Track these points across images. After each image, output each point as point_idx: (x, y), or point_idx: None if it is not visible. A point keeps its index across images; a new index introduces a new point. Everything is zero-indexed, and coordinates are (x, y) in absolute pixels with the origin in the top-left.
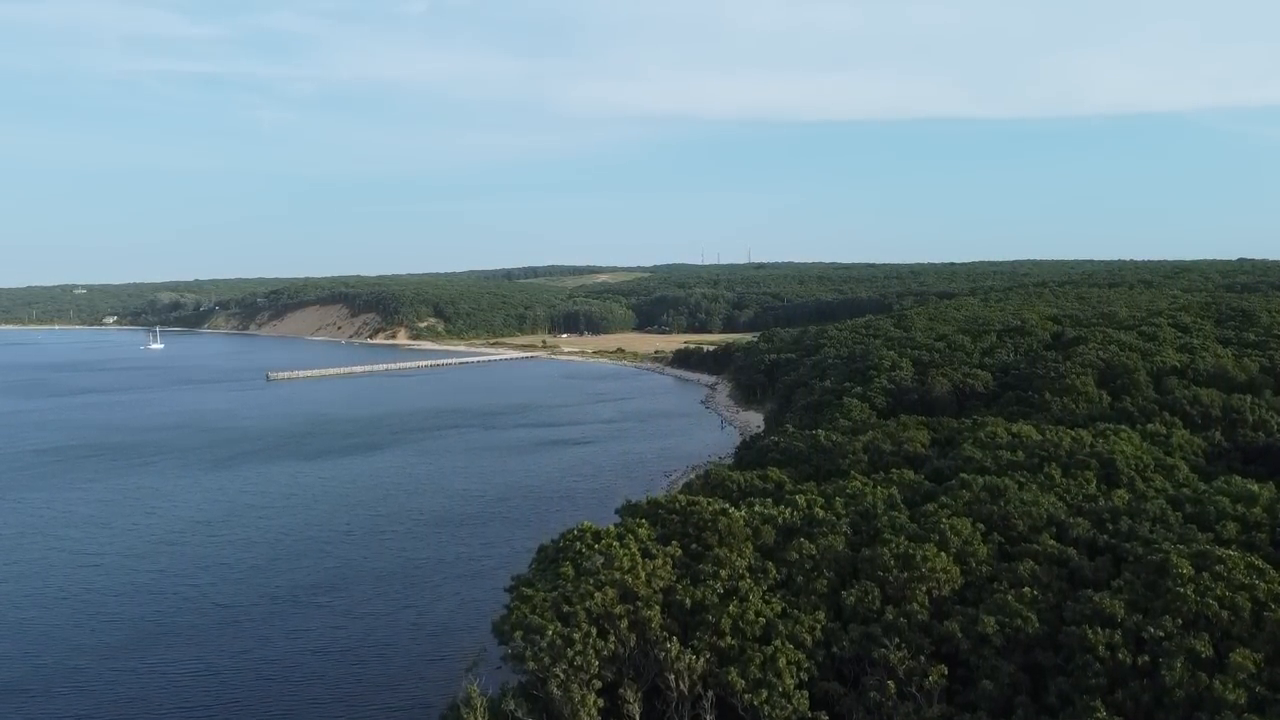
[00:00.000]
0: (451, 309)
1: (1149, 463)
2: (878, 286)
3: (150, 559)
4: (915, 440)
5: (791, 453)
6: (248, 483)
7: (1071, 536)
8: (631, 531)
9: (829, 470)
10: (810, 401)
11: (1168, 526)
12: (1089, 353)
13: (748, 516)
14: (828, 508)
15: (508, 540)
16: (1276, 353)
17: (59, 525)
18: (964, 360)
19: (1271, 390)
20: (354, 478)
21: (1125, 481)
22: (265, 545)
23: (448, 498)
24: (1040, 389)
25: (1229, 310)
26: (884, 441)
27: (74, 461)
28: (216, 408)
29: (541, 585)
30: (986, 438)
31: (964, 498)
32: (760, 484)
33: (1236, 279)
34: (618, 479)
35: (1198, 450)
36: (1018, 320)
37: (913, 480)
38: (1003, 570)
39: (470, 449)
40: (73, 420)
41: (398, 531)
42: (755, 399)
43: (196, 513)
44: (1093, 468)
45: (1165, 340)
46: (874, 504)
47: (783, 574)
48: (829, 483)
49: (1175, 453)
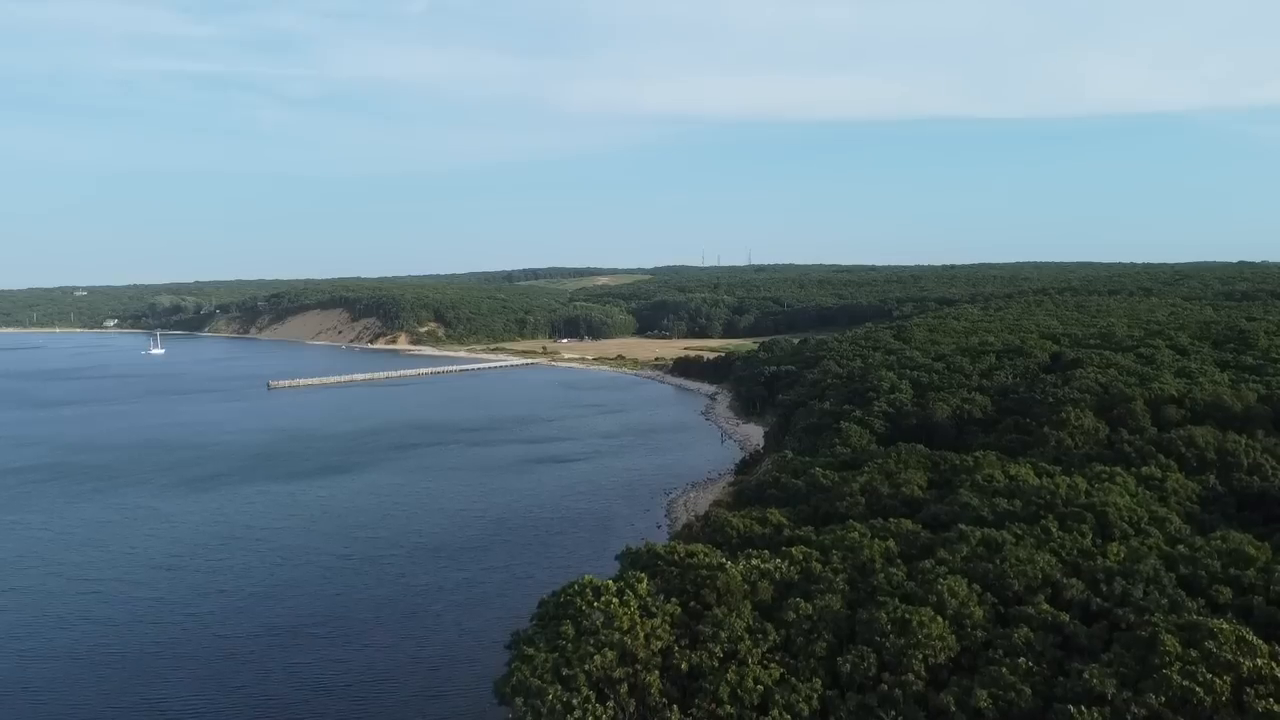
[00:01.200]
0: (452, 314)
1: (1143, 515)
2: (878, 291)
3: (149, 585)
4: (913, 482)
5: (790, 490)
6: (246, 502)
7: (1066, 599)
8: (631, 587)
9: (827, 513)
10: (810, 424)
11: (1161, 589)
12: (1087, 377)
13: (745, 572)
14: (825, 561)
15: (507, 565)
16: (1273, 378)
17: (58, 548)
18: (963, 383)
19: (1269, 420)
20: (353, 497)
21: (1119, 535)
22: (264, 571)
23: (447, 519)
24: (1038, 416)
25: (1227, 331)
26: (881, 483)
27: (73, 478)
28: (217, 420)
29: (542, 643)
30: (984, 481)
31: (961, 552)
32: (759, 529)
33: (1236, 286)
34: (618, 499)
35: (1192, 495)
36: (1017, 340)
37: (910, 530)
38: (998, 636)
39: (470, 466)
40: (73, 434)
41: (396, 556)
42: (755, 411)
43: (195, 534)
44: (1088, 521)
45: (1163, 364)
46: (872, 556)
47: (781, 635)
48: (827, 530)
49: (1170, 498)
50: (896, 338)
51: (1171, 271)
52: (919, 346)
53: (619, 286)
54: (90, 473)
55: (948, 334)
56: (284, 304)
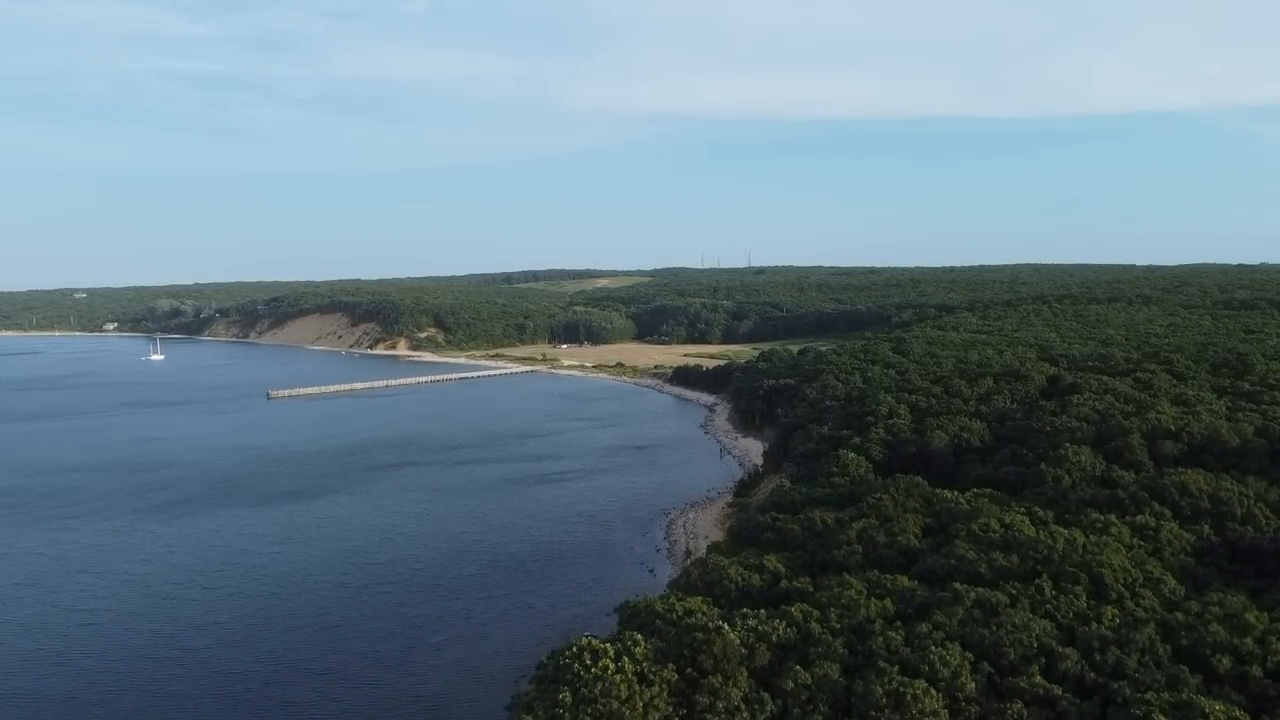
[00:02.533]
0: (451, 319)
1: (1137, 576)
2: (877, 296)
3: (146, 617)
4: (909, 530)
5: (787, 535)
6: (244, 524)
7: (1060, 670)
8: (628, 651)
9: (824, 560)
10: (808, 449)
11: (1157, 661)
12: (1084, 404)
13: (742, 635)
14: (823, 620)
15: (506, 594)
16: (1269, 407)
17: (54, 575)
18: (960, 408)
19: (1265, 455)
20: (351, 518)
21: (1115, 596)
22: (261, 600)
23: (445, 543)
24: (1036, 448)
25: (1225, 355)
26: (878, 530)
27: (71, 498)
28: (217, 433)
29: (540, 710)
30: (980, 530)
31: (957, 615)
32: (757, 580)
33: (1235, 294)
34: (618, 519)
35: (1186, 546)
36: (1015, 361)
37: (906, 587)
38: (991, 712)
39: (469, 485)
40: (73, 448)
41: (395, 583)
42: (754, 425)
43: (191, 559)
44: (1082, 582)
45: (1160, 390)
46: (869, 616)
47: (778, 705)
48: (824, 586)
49: (1165, 549)
50: (895, 350)
51: (1170, 276)
52: (917, 360)
53: (618, 289)
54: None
55: (946, 347)
56: (284, 308)
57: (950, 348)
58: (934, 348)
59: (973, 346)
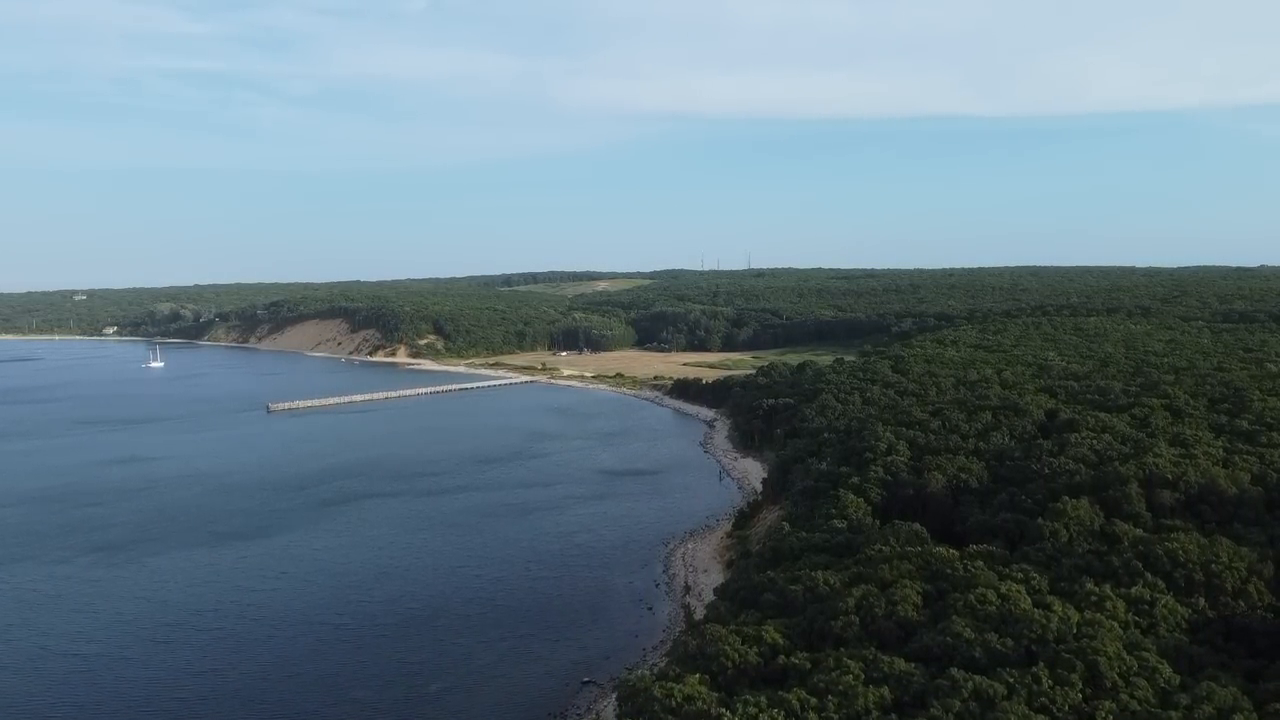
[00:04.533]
0: (451, 326)
1: (1133, 664)
2: (876, 303)
3: (141, 664)
4: (907, 600)
5: (787, 597)
6: (240, 558)
7: None
8: None
9: (822, 630)
10: (807, 486)
11: None
12: (1081, 444)
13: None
14: (821, 709)
15: (504, 637)
16: (1266, 449)
17: (48, 613)
18: (959, 445)
19: (1261, 504)
20: (347, 550)
21: (1110, 686)
22: (257, 645)
23: (442, 579)
24: (1033, 494)
25: (1222, 389)
26: (877, 599)
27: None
28: (215, 451)
29: None
30: (977, 601)
31: (954, 707)
32: (754, 657)
33: (1234, 305)
34: (616, 550)
35: (1181, 622)
36: (1015, 395)
37: (903, 671)
38: None
39: (468, 512)
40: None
41: (392, 624)
42: (753, 445)
43: (187, 598)
44: (1078, 670)
45: (1158, 429)
46: (866, 705)
47: None
48: (822, 668)
49: (1160, 625)
50: (895, 369)
51: (1169, 282)
52: (916, 380)
53: (618, 293)
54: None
55: (945, 365)
56: (283, 313)
57: (949, 365)
58: (933, 366)
59: (971, 365)
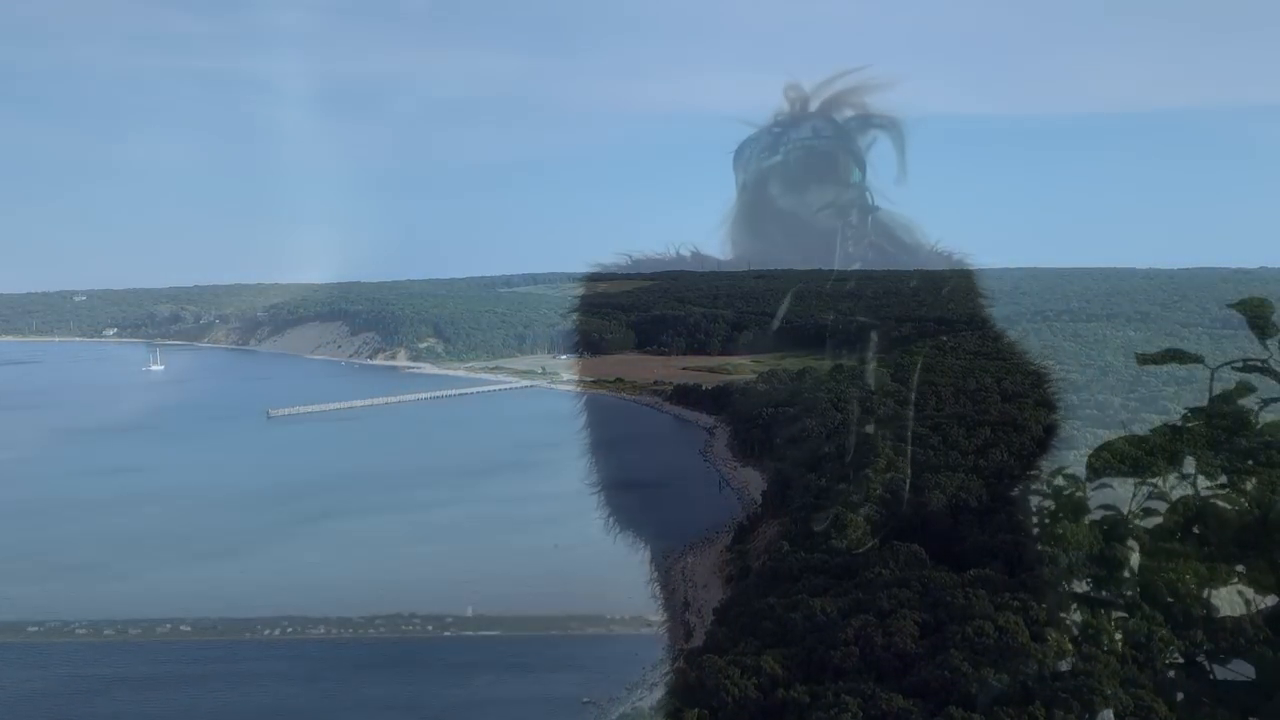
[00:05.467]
0: (451, 329)
1: (1129, 704)
2: (877, 305)
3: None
4: (905, 631)
5: (787, 625)
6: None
7: None
8: None
9: (822, 660)
10: (806, 502)
11: None
12: (1079, 462)
13: None
14: None
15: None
16: (1266, 470)
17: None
18: (959, 462)
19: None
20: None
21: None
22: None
23: (441, 599)
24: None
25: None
26: (876, 630)
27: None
28: (216, 460)
29: None
30: (974, 634)
31: None
32: (753, 690)
33: (1234, 313)
34: (615, 566)
35: (1178, 656)
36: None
37: (901, 709)
38: None
39: (467, 525)
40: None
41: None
42: (753, 455)
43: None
44: (1075, 710)
45: (1156, 446)
46: None
47: None
48: (821, 703)
49: (1157, 658)
50: (894, 379)
51: (1169, 283)
52: (916, 389)
53: (618, 294)
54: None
55: (945, 374)
56: (284, 315)
57: (949, 374)
58: (933, 375)
59: (970, 374)
